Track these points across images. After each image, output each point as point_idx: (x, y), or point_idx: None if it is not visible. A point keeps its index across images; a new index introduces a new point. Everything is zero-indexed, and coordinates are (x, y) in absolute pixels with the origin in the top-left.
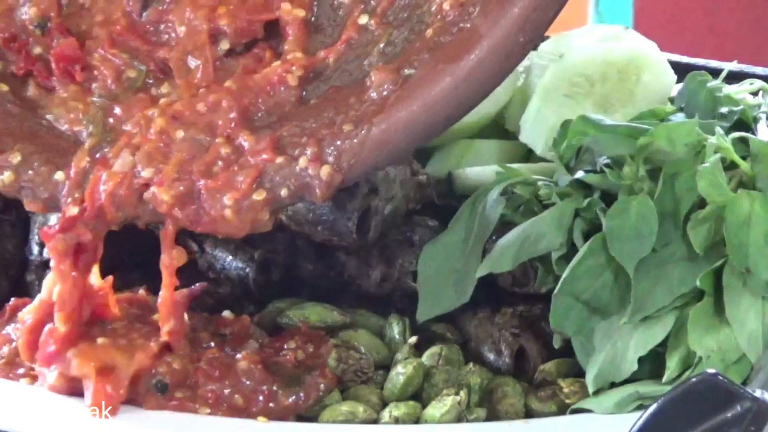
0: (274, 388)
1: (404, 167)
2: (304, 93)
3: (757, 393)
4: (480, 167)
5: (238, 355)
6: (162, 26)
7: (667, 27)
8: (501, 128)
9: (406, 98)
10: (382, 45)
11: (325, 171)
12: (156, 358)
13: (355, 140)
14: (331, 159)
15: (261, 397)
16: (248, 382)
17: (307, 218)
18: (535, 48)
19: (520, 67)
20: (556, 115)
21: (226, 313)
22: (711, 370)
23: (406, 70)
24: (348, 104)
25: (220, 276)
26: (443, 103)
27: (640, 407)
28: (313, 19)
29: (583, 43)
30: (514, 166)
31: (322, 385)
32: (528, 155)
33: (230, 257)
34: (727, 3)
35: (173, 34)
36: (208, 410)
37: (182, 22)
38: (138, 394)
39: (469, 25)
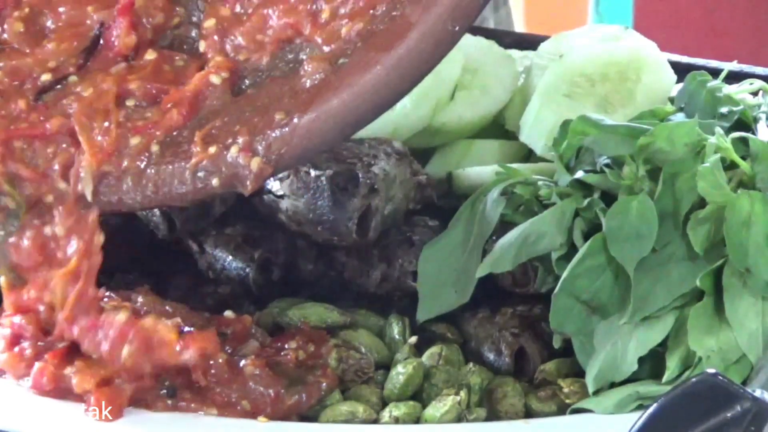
0: (282, 391)
1: (404, 167)
2: (239, 87)
3: (757, 393)
4: (480, 167)
5: (244, 361)
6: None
7: (667, 27)
8: (501, 128)
9: (336, 86)
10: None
11: (255, 163)
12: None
13: (286, 129)
14: (260, 148)
15: (268, 401)
16: (256, 387)
17: (307, 218)
18: (534, 47)
19: (520, 67)
20: (556, 115)
21: (228, 313)
22: (711, 370)
23: (340, 60)
24: (282, 93)
25: (220, 276)
26: (374, 91)
27: (640, 407)
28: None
29: (583, 43)
30: (514, 166)
31: (324, 385)
32: (528, 155)
33: (230, 257)
34: (727, 3)
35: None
36: (215, 412)
37: (90, 85)
38: (146, 398)
39: (400, 13)
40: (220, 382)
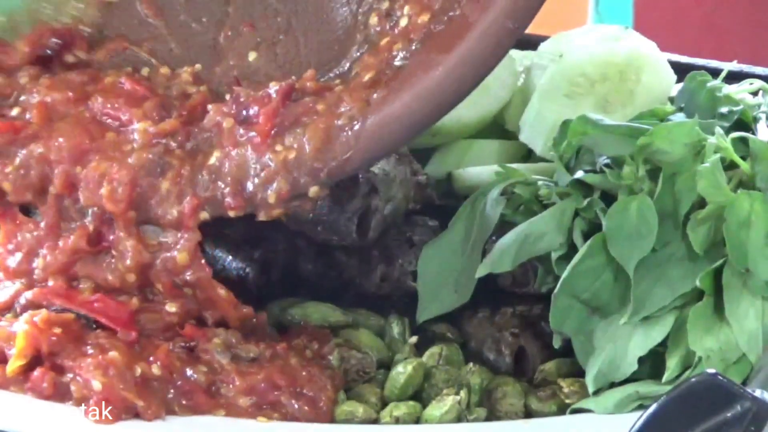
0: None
1: (404, 167)
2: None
3: (757, 393)
4: (480, 167)
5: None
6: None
7: (667, 27)
8: (501, 128)
9: (398, 89)
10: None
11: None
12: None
13: (350, 133)
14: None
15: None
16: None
17: (307, 218)
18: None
19: (520, 67)
20: (556, 115)
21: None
22: (711, 370)
23: (396, 62)
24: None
25: (220, 276)
26: (436, 92)
27: (640, 407)
28: None
29: (583, 43)
30: (514, 166)
31: (329, 385)
32: (528, 155)
33: (230, 257)
34: (727, 3)
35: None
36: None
37: None
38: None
39: (458, 13)
40: (275, 386)
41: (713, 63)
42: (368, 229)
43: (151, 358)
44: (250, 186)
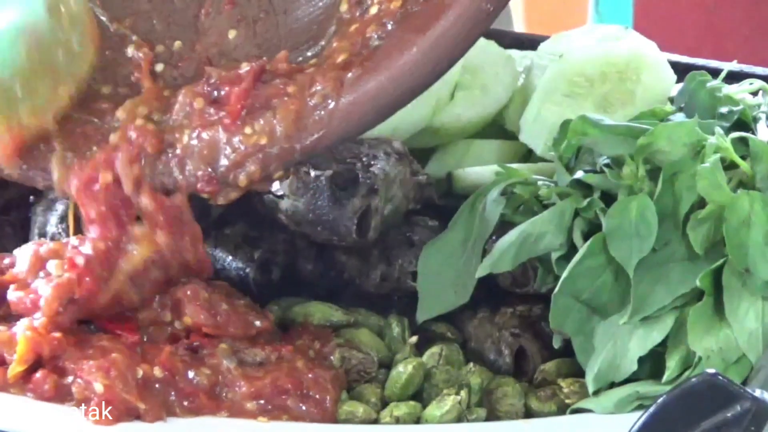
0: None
1: (404, 167)
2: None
3: (757, 393)
4: (480, 167)
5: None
6: None
7: (667, 27)
8: (501, 128)
9: (373, 69)
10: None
11: None
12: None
13: (323, 113)
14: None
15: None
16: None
17: (307, 218)
18: (534, 47)
19: (520, 67)
20: (556, 115)
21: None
22: (711, 370)
23: (372, 42)
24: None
25: (220, 276)
26: (410, 73)
27: (640, 407)
28: None
29: (583, 43)
30: (514, 166)
31: (334, 386)
32: (528, 155)
33: (230, 257)
34: (727, 3)
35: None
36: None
37: None
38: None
39: None
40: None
41: (713, 63)
42: (368, 229)
43: (154, 360)
44: (221, 168)
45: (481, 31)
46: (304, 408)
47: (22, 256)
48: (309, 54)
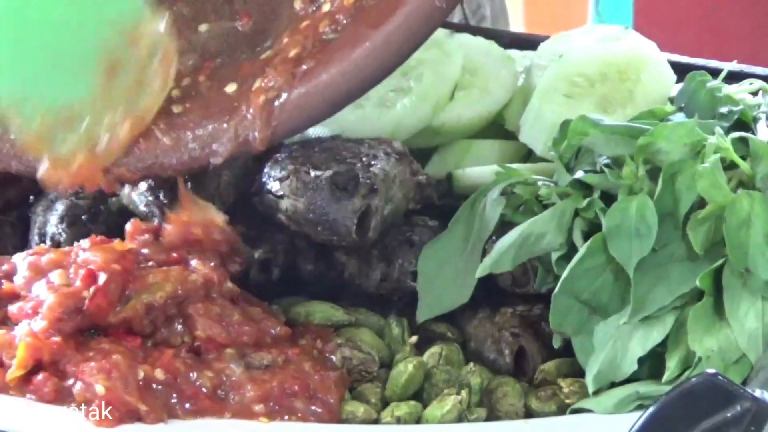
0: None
1: (404, 167)
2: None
3: (757, 393)
4: (480, 167)
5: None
6: None
7: (667, 27)
8: (501, 128)
9: (325, 62)
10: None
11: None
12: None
13: (276, 104)
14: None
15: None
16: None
17: (307, 218)
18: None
19: (520, 67)
20: (556, 115)
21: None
22: (711, 370)
23: (325, 36)
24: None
25: None
26: (362, 66)
27: (640, 407)
28: None
29: (583, 43)
30: (514, 166)
31: (338, 386)
32: (528, 155)
33: None
34: (727, 3)
35: None
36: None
37: None
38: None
39: None
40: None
41: (713, 63)
42: (368, 229)
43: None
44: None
45: (434, 28)
46: (311, 409)
47: (21, 266)
48: (266, 45)
